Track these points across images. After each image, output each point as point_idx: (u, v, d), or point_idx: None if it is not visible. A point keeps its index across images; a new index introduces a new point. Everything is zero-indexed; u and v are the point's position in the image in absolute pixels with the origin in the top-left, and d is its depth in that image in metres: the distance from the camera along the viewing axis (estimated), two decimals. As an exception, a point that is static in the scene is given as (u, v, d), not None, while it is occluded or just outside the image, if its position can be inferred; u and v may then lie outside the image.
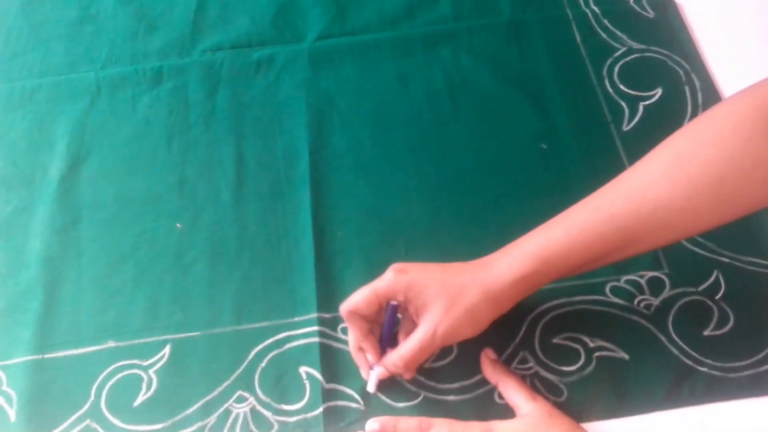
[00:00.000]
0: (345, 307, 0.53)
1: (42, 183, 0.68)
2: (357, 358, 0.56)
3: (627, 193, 0.51)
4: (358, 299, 0.53)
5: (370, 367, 0.55)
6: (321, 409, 0.55)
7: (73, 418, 0.56)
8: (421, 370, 0.56)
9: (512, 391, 0.53)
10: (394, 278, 0.52)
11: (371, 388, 0.55)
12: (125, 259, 0.63)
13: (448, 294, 0.51)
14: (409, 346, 0.52)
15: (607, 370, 0.56)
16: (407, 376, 0.55)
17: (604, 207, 0.51)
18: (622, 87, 0.71)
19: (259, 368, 0.57)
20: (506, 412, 0.54)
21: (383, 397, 0.55)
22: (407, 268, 0.53)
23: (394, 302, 0.53)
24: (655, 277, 0.59)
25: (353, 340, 0.55)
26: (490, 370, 0.55)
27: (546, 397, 0.55)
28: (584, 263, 0.52)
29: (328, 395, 0.56)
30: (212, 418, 0.55)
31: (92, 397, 0.56)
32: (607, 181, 0.58)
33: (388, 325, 0.54)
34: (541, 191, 0.65)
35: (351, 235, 0.64)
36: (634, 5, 0.77)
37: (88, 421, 0.55)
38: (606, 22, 0.76)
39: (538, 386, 0.55)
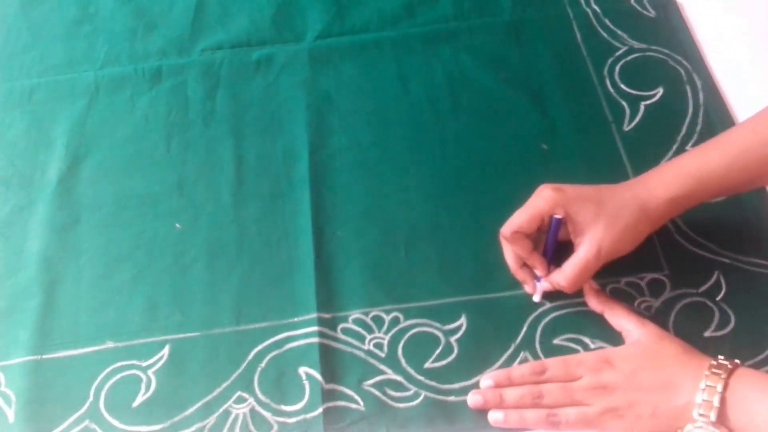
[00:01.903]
0: (508, 228, 0.56)
1: (41, 183, 0.68)
2: (520, 274, 0.58)
3: None
4: (521, 219, 0.55)
5: (536, 280, 0.58)
6: (320, 410, 0.55)
7: (72, 418, 0.55)
8: (421, 370, 0.56)
9: (621, 318, 0.55)
10: (554, 195, 0.54)
11: (538, 298, 0.58)
12: (124, 259, 0.63)
13: (608, 211, 0.53)
14: (574, 263, 0.54)
15: (607, 370, 0.56)
16: (570, 290, 0.56)
17: (764, 130, 0.52)
18: (623, 86, 0.71)
19: (259, 369, 0.57)
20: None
21: (383, 397, 0.55)
22: (561, 186, 0.55)
23: (558, 216, 0.54)
24: (656, 279, 0.59)
25: (514, 259, 0.58)
26: (595, 300, 0.57)
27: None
28: (739, 184, 0.54)
29: (328, 396, 0.56)
30: (211, 419, 0.55)
31: (91, 398, 0.56)
32: (607, 181, 0.58)
33: (551, 238, 0.56)
34: (542, 191, 0.65)
35: (351, 235, 0.63)
36: (635, 4, 0.77)
37: (87, 422, 0.55)
38: (607, 21, 0.76)
39: (538, 387, 0.55)
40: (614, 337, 0.57)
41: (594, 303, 0.57)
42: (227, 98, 0.73)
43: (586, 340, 0.57)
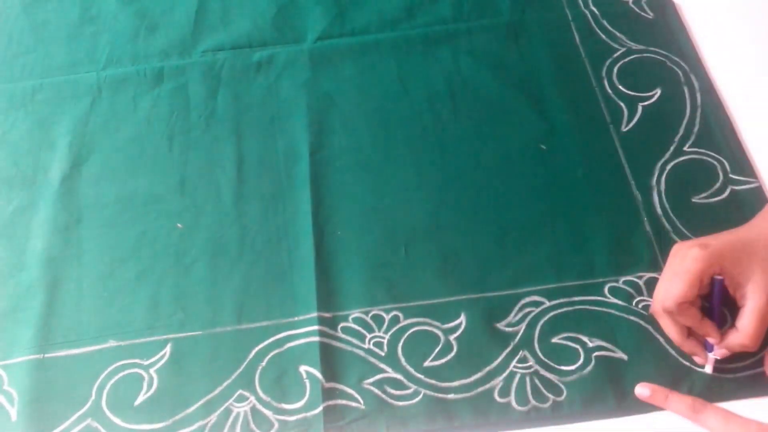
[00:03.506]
0: (672, 302, 0.52)
1: (43, 183, 0.68)
2: (688, 346, 0.54)
3: None
4: (682, 287, 0.51)
5: (708, 350, 0.54)
6: (321, 408, 0.55)
7: (74, 417, 0.56)
8: (421, 368, 0.56)
9: None
10: (705, 253, 0.51)
11: (710, 369, 0.54)
12: (126, 259, 0.64)
13: (760, 254, 0.51)
14: (750, 317, 0.51)
15: (606, 369, 0.56)
16: (755, 348, 0.52)
17: None
18: (621, 88, 0.71)
19: (260, 367, 0.57)
20: (506, 411, 0.55)
21: (383, 396, 0.56)
22: (704, 242, 0.52)
23: (719, 277, 0.52)
24: (654, 278, 0.59)
25: (679, 331, 0.54)
26: None
27: (545, 396, 0.55)
28: None
29: (328, 394, 0.56)
30: (213, 417, 0.55)
31: (93, 396, 0.57)
32: (605, 180, 0.58)
33: (717, 301, 0.53)
34: (541, 191, 0.65)
35: (351, 235, 0.64)
36: (633, 6, 0.77)
37: (89, 420, 0.56)
38: (605, 22, 0.76)
39: (537, 385, 0.55)
40: (613, 337, 0.57)
41: None
42: (228, 99, 0.73)
43: (585, 338, 0.57)
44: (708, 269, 0.52)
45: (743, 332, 0.52)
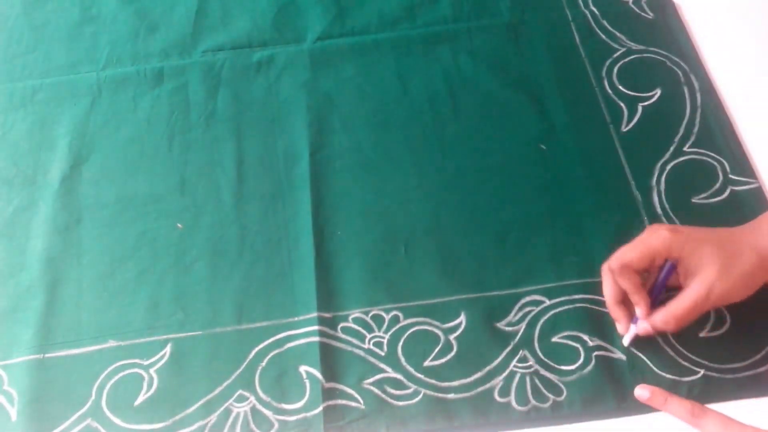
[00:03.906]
0: (617, 262, 0.54)
1: (43, 183, 0.68)
2: (615, 311, 0.56)
3: None
4: (633, 254, 0.53)
5: (632, 321, 0.55)
6: (321, 408, 0.55)
7: (74, 417, 0.56)
8: (421, 368, 0.56)
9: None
10: (671, 236, 0.52)
11: (627, 341, 0.56)
12: (126, 259, 0.64)
13: (724, 256, 0.51)
14: (682, 305, 0.52)
15: (606, 369, 0.56)
16: (673, 330, 0.54)
17: None
18: (621, 88, 0.71)
19: (260, 367, 0.57)
20: (506, 411, 0.55)
21: (383, 396, 0.56)
22: (678, 228, 0.54)
23: (673, 261, 0.53)
24: (654, 277, 0.60)
25: (614, 293, 0.55)
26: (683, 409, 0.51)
27: (545, 396, 0.55)
28: None
29: (328, 394, 0.56)
30: (213, 417, 0.55)
31: (93, 397, 0.57)
32: (604, 180, 0.58)
33: (662, 281, 0.54)
34: (541, 191, 0.65)
35: (351, 235, 0.64)
36: (633, 6, 0.77)
37: (89, 420, 0.56)
38: (605, 23, 0.76)
39: (537, 385, 0.55)
40: (612, 337, 0.57)
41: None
42: (228, 99, 0.73)
43: (585, 337, 0.57)
44: (665, 252, 0.53)
45: (670, 311, 0.52)
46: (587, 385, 0.55)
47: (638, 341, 0.56)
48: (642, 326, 0.55)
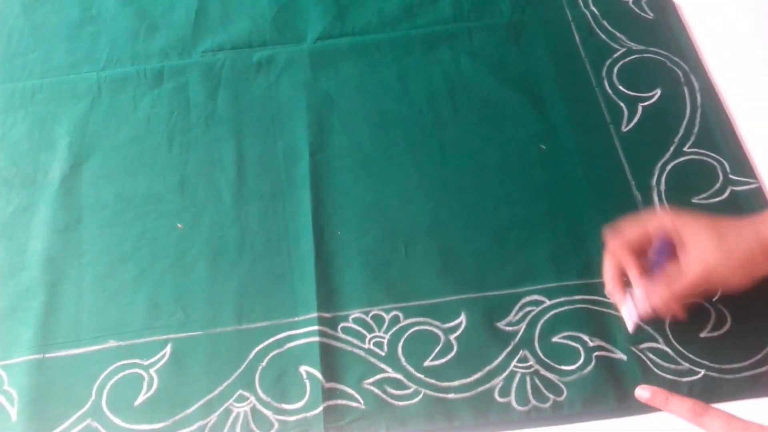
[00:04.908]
0: (617, 235, 0.55)
1: (43, 183, 0.68)
2: (615, 292, 0.56)
3: None
4: (631, 233, 0.54)
5: (628, 303, 0.56)
6: (321, 408, 0.55)
7: (74, 417, 0.56)
8: (421, 368, 0.56)
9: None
10: (668, 215, 0.54)
11: (631, 327, 0.56)
12: (126, 259, 0.64)
13: (726, 243, 0.52)
14: (681, 283, 0.52)
15: (606, 369, 0.56)
16: (664, 305, 0.54)
17: None
18: (621, 88, 0.71)
19: (260, 368, 0.57)
20: (506, 411, 0.55)
21: (383, 396, 0.56)
22: (680, 211, 0.54)
23: (671, 240, 0.53)
24: (654, 277, 0.60)
25: (613, 274, 0.56)
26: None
27: (546, 396, 0.55)
28: None
29: (328, 394, 0.56)
30: (213, 417, 0.55)
31: (93, 397, 0.57)
32: (604, 180, 0.58)
33: (659, 259, 0.54)
34: (541, 191, 0.65)
35: (351, 235, 0.64)
36: (633, 6, 0.77)
37: (89, 421, 0.56)
38: (605, 23, 0.76)
39: (537, 385, 0.56)
40: (612, 337, 0.57)
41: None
42: (228, 99, 0.73)
43: (585, 337, 0.57)
44: (666, 225, 0.53)
45: (669, 288, 0.53)
46: (587, 385, 0.55)
47: (639, 341, 0.56)
48: (641, 300, 0.54)
